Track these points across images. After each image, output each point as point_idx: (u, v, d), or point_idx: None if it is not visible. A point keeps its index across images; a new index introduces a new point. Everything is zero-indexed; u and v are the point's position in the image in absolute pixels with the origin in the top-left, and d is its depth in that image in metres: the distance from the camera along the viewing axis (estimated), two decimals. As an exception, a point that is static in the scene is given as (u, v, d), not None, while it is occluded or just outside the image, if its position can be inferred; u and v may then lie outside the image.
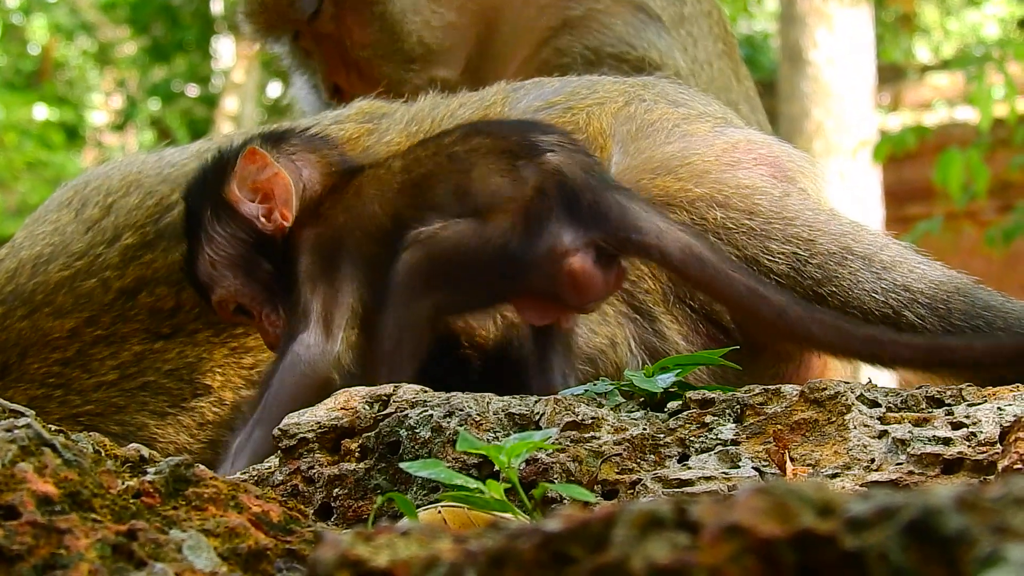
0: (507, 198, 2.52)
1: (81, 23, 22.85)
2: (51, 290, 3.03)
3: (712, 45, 4.44)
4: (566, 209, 2.50)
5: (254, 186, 2.75)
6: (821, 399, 2.17)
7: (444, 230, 2.53)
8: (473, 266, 2.52)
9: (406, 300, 2.51)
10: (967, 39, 21.51)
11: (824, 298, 2.87)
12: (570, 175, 2.53)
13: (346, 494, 2.20)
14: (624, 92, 3.27)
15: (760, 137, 3.24)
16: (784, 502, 0.99)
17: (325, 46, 4.29)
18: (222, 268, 2.76)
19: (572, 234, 2.49)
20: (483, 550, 1.06)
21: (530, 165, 2.54)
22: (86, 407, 2.95)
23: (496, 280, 2.55)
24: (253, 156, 2.75)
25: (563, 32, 4.23)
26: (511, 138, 2.62)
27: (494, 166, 2.57)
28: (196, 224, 2.79)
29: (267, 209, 2.74)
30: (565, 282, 2.51)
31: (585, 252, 2.51)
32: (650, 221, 2.53)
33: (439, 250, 2.52)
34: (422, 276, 2.51)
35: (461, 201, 2.57)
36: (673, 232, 2.54)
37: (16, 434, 1.57)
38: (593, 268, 2.52)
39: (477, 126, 2.77)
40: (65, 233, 3.12)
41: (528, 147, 2.58)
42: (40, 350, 3.00)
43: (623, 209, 2.53)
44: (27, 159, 18.68)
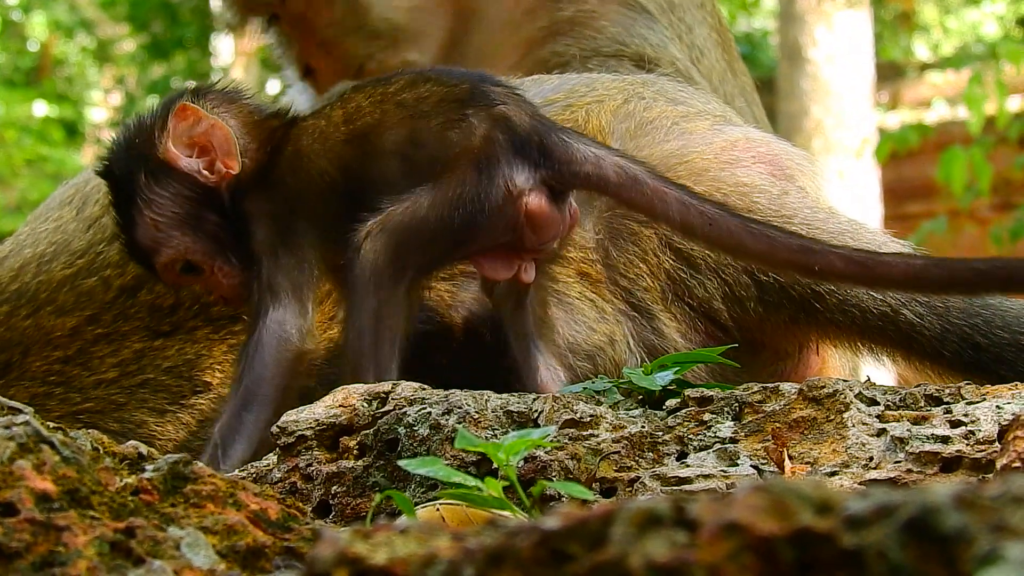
0: (458, 150, 2.53)
1: (80, 20, 22.86)
2: (54, 288, 3.03)
3: (707, 34, 4.43)
4: (516, 153, 2.53)
5: (190, 141, 2.69)
6: (820, 397, 2.17)
7: (394, 213, 2.52)
8: (432, 237, 2.52)
9: (375, 293, 2.50)
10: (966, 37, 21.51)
11: (822, 296, 2.87)
12: (517, 120, 2.56)
13: (344, 491, 2.20)
14: (623, 90, 3.27)
15: (759, 135, 3.24)
16: (782, 500, 0.99)
17: (297, 28, 4.28)
18: (167, 228, 2.70)
19: (523, 175, 2.52)
20: (481, 548, 1.06)
21: (480, 113, 2.56)
22: (86, 404, 2.95)
23: (457, 240, 2.56)
24: (184, 111, 2.68)
25: (557, 36, 4.22)
26: (461, 86, 2.63)
27: (444, 116, 2.58)
28: (130, 193, 2.72)
29: (208, 162, 2.69)
30: (523, 222, 2.54)
31: (538, 191, 2.54)
32: (588, 150, 2.58)
33: (395, 237, 2.50)
34: (385, 267, 2.50)
35: (413, 150, 2.58)
36: (611, 158, 2.59)
37: (14, 431, 1.57)
38: (548, 205, 2.55)
39: (424, 73, 2.75)
40: (67, 231, 3.12)
41: (478, 95, 2.60)
42: (42, 348, 3.00)
43: (564, 144, 2.57)
44: (27, 156, 18.68)
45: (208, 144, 2.69)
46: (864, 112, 12.29)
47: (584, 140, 2.62)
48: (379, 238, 2.51)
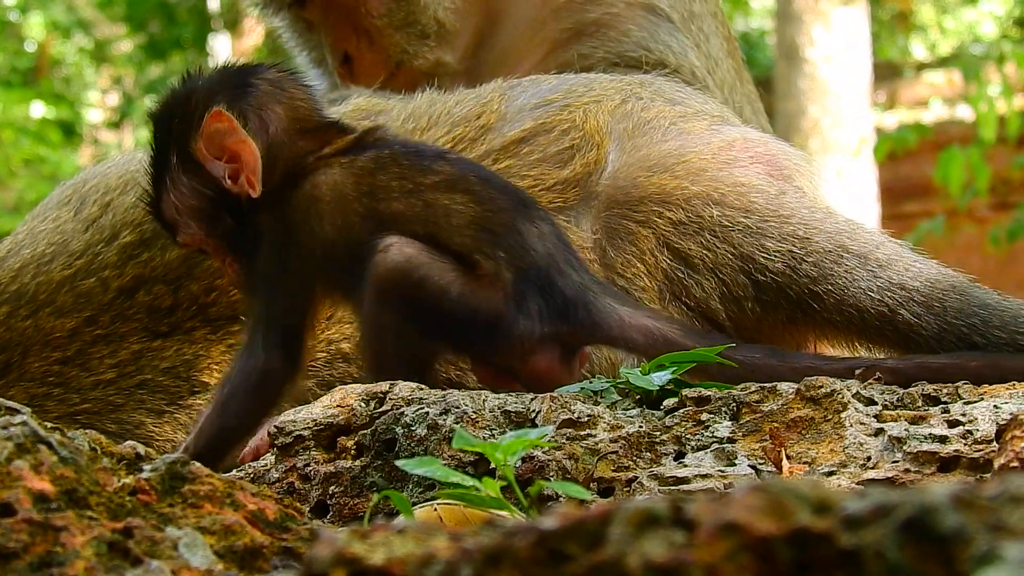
0: (484, 274, 2.51)
1: (77, 20, 22.84)
2: (53, 289, 3.03)
3: (720, 44, 4.44)
4: (536, 309, 2.50)
5: (221, 147, 2.68)
6: (817, 397, 2.17)
7: (430, 260, 2.50)
8: (448, 311, 2.50)
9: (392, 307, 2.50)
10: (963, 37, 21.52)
11: (820, 296, 2.87)
12: (545, 276, 2.52)
13: (342, 491, 2.20)
14: (621, 90, 3.27)
15: (756, 135, 3.24)
16: (780, 500, 0.99)
17: (334, 13, 4.24)
18: (186, 216, 2.72)
19: (539, 332, 2.49)
20: (479, 548, 1.06)
21: (511, 260, 2.52)
22: (83, 405, 2.95)
23: (463, 335, 2.55)
24: (219, 117, 2.66)
25: (582, 38, 4.21)
26: (498, 216, 2.57)
27: (473, 241, 2.54)
28: (163, 164, 2.73)
29: (234, 170, 2.68)
30: (528, 374, 2.54)
31: (551, 349, 2.52)
32: (614, 315, 2.54)
33: (422, 276, 2.49)
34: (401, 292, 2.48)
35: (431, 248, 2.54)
36: (636, 320, 2.54)
37: (12, 431, 1.56)
38: (557, 365, 2.54)
39: (465, 177, 2.66)
40: (65, 232, 3.12)
41: (512, 237, 2.55)
42: (41, 349, 3.00)
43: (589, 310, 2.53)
44: (24, 156, 18.67)
45: (237, 155, 2.67)
46: (861, 111, 12.29)
47: (612, 300, 2.57)
48: (400, 260, 2.48)
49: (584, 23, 4.22)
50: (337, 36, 4.21)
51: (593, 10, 4.24)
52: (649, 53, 4.14)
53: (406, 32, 4.16)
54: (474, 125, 3.18)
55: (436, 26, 4.17)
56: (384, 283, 2.49)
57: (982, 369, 2.52)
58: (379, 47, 4.18)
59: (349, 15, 4.20)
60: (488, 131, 3.16)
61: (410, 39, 4.17)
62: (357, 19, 4.19)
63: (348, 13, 4.20)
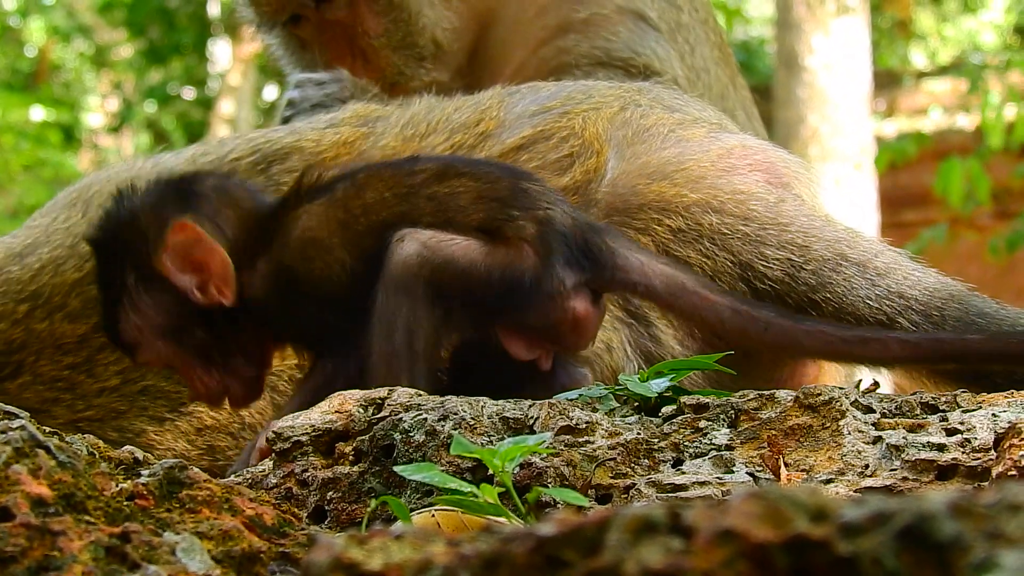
0: (510, 236, 2.52)
1: (78, 25, 22.87)
2: (65, 292, 3.04)
3: (709, 52, 4.45)
4: (563, 254, 2.51)
5: (187, 259, 2.61)
6: (815, 404, 2.17)
7: (440, 239, 2.50)
8: (476, 287, 2.50)
9: (408, 297, 2.49)
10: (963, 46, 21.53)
11: (818, 304, 2.87)
12: (562, 222, 2.54)
13: (340, 497, 2.20)
14: (620, 97, 3.27)
15: (755, 142, 3.24)
16: (778, 507, 0.99)
17: (330, 32, 4.24)
18: (149, 335, 2.65)
19: (572, 278, 2.51)
20: (476, 554, 1.06)
21: (526, 214, 2.54)
22: (88, 412, 2.95)
23: (496, 307, 2.54)
24: (183, 229, 2.60)
25: (566, 33, 4.22)
26: (500, 184, 2.59)
27: (486, 214, 2.55)
28: (118, 287, 2.65)
29: (201, 281, 2.61)
30: (568, 324, 2.54)
31: (584, 294, 2.54)
32: (634, 258, 2.57)
33: (437, 261, 2.49)
34: (421, 279, 2.49)
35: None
36: (655, 266, 2.58)
37: (10, 436, 1.57)
38: (593, 309, 2.56)
39: (450, 166, 2.66)
40: (75, 234, 3.13)
41: (519, 195, 2.57)
42: (53, 352, 3.01)
43: (610, 250, 2.56)
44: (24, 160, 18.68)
45: (204, 266, 2.61)
46: (861, 120, 12.28)
47: (628, 244, 2.61)
48: (415, 249, 2.48)
49: (571, 21, 4.24)
50: (332, 55, 4.21)
51: (582, 11, 4.25)
52: (636, 56, 4.16)
53: (403, 53, 4.17)
54: (473, 132, 3.18)
55: (433, 47, 4.18)
56: (404, 273, 2.48)
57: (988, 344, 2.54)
58: (375, 67, 4.19)
59: (345, 34, 4.21)
60: (487, 138, 3.17)
61: (407, 60, 4.18)
62: (354, 39, 4.20)
63: (344, 33, 4.21)
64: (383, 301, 2.50)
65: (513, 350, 2.60)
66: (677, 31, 4.32)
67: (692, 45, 4.36)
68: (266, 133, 3.27)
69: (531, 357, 2.59)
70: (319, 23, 4.23)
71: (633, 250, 2.59)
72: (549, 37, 4.24)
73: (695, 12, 4.45)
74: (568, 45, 4.20)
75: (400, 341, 2.49)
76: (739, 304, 2.57)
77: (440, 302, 2.50)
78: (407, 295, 2.48)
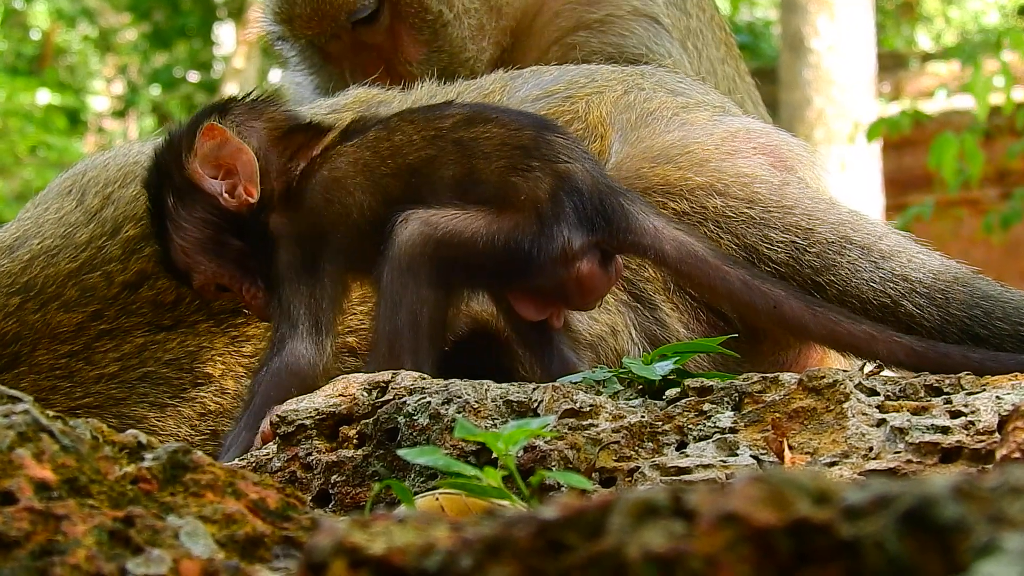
0: (523, 196, 2.52)
1: (82, 9, 22.86)
2: (60, 282, 3.03)
3: (716, 51, 4.45)
4: (575, 212, 2.51)
5: (216, 162, 2.71)
6: (820, 387, 2.17)
7: (440, 215, 2.51)
8: (477, 258, 2.51)
9: (413, 280, 2.50)
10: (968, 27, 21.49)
11: (822, 287, 2.87)
12: (580, 179, 2.54)
13: (344, 481, 2.20)
14: (623, 81, 3.27)
15: (759, 126, 3.24)
16: (780, 491, 0.99)
17: (365, 54, 4.21)
18: (194, 254, 2.75)
19: (581, 238, 2.51)
20: (479, 537, 1.06)
21: (546, 166, 2.54)
22: (86, 400, 2.95)
23: (500, 273, 2.55)
24: (212, 131, 2.69)
25: (578, 31, 4.22)
26: (524, 132, 2.60)
27: (507, 161, 2.55)
28: (161, 214, 2.76)
29: (231, 185, 2.70)
30: (573, 284, 2.54)
31: (592, 255, 2.54)
32: (648, 222, 2.56)
33: (440, 238, 2.49)
34: (424, 261, 2.49)
35: (468, 190, 2.55)
36: (669, 231, 2.57)
37: (14, 420, 1.57)
38: (599, 270, 2.55)
39: (480, 111, 2.71)
40: (69, 223, 3.12)
41: (542, 145, 2.57)
42: (50, 342, 3.00)
43: (624, 212, 2.55)
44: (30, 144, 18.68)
45: (233, 167, 2.70)
46: (866, 102, 12.28)
47: (644, 208, 2.60)
48: (418, 228, 2.49)
49: (585, 21, 4.23)
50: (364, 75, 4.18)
51: (596, 12, 4.24)
52: (649, 53, 4.15)
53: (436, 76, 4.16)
54: None
55: (466, 70, 4.15)
56: (409, 253, 2.49)
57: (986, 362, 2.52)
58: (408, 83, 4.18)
59: (381, 57, 4.18)
60: None
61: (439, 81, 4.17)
62: (392, 63, 4.18)
63: (380, 55, 4.19)
64: (388, 282, 2.50)
65: (524, 311, 2.61)
66: (687, 37, 4.33)
67: (700, 50, 4.37)
68: None
69: (541, 317, 2.60)
70: (353, 43, 4.21)
71: (649, 214, 2.58)
72: (561, 36, 4.23)
73: (702, 13, 4.45)
74: (579, 41, 4.20)
75: (404, 322, 2.50)
76: (751, 278, 2.56)
77: (446, 278, 2.51)
78: (412, 276, 2.49)
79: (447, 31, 4.14)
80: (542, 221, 2.49)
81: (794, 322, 2.57)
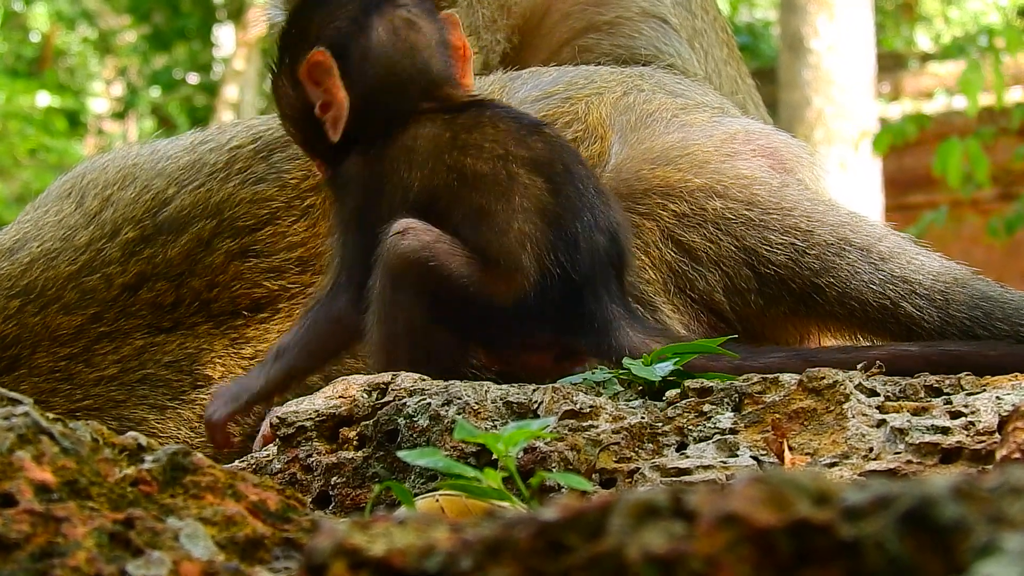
0: (513, 270, 2.47)
1: (82, 11, 22.86)
2: (60, 285, 3.03)
3: (719, 53, 4.46)
4: (560, 312, 2.48)
5: (318, 81, 2.69)
6: (819, 388, 2.17)
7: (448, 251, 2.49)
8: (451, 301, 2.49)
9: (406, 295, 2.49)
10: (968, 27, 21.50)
11: (822, 289, 2.87)
12: (581, 285, 2.49)
13: (344, 482, 2.20)
14: (622, 82, 3.27)
15: (758, 127, 3.24)
16: (780, 491, 0.99)
17: None
18: (285, 120, 2.81)
19: (550, 337, 2.50)
20: (479, 539, 1.06)
21: (556, 256, 2.47)
22: (85, 402, 2.95)
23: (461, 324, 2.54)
24: (319, 62, 2.67)
25: (588, 33, 4.22)
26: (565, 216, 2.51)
27: (531, 229, 2.48)
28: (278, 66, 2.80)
29: (326, 102, 2.69)
30: (518, 365, 2.55)
31: (548, 352, 2.54)
32: (628, 343, 2.50)
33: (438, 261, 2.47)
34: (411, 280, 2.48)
35: (479, 227, 2.51)
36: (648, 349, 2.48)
37: (14, 422, 1.57)
38: (549, 366, 2.54)
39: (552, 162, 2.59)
40: (68, 225, 3.12)
41: (567, 237, 2.50)
42: (50, 345, 3.00)
43: (608, 328, 2.51)
44: (29, 146, 18.68)
45: (328, 99, 2.69)
46: (866, 102, 12.28)
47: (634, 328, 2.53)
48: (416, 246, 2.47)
49: (595, 23, 4.23)
50: None
51: (606, 13, 4.25)
52: (660, 54, 4.15)
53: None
54: None
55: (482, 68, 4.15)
56: (398, 266, 2.47)
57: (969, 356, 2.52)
58: None
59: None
60: None
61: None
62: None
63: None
64: (382, 291, 2.50)
65: (485, 360, 2.61)
66: (694, 37, 4.33)
67: (706, 50, 4.37)
68: (267, 120, 3.26)
69: (501, 370, 2.58)
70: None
71: (633, 331, 2.52)
72: (571, 38, 4.24)
73: (706, 14, 4.45)
74: (589, 44, 4.19)
75: (400, 330, 2.50)
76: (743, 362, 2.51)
77: (423, 304, 2.50)
78: (406, 287, 2.48)
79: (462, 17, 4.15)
80: (518, 302, 2.46)
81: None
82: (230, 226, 3.04)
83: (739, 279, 2.92)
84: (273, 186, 3.09)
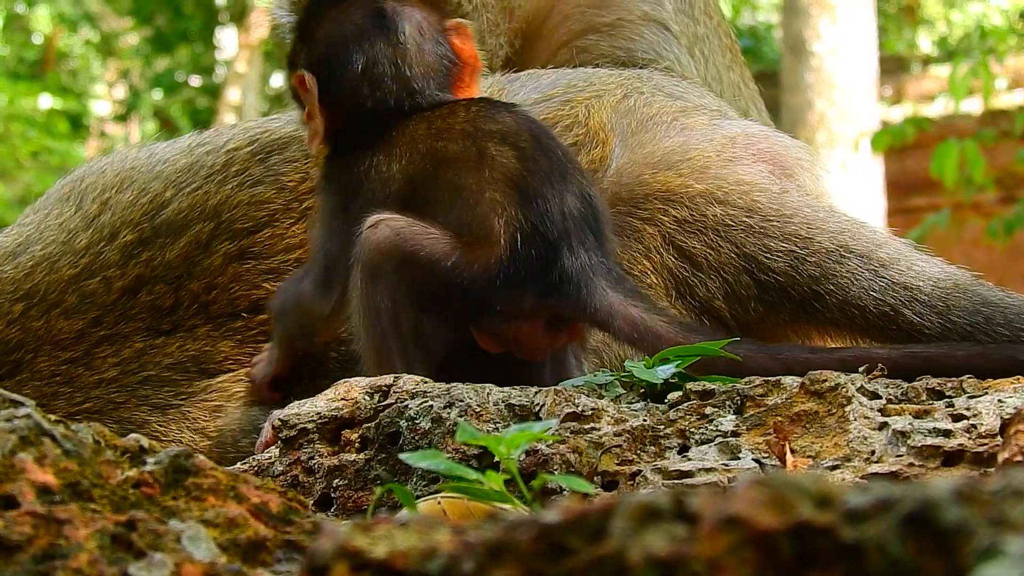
0: (491, 239, 2.48)
1: (84, 14, 22.88)
2: (61, 289, 3.03)
3: (721, 58, 4.45)
4: (538, 272, 2.47)
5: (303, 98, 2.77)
6: (821, 391, 2.17)
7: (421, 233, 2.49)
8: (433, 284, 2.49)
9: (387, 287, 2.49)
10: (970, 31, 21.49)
11: (822, 296, 2.86)
12: (556, 242, 2.50)
13: (346, 485, 2.20)
14: (621, 85, 3.27)
15: (758, 129, 3.24)
16: (782, 494, 0.99)
17: None
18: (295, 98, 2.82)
19: (532, 300, 2.49)
20: (481, 541, 1.06)
21: (527, 218, 2.49)
22: (86, 404, 2.95)
23: (449, 307, 2.54)
24: (304, 79, 2.73)
25: (587, 35, 4.21)
26: (533, 178, 2.54)
27: (500, 199, 2.50)
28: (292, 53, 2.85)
29: (309, 114, 2.75)
30: (511, 339, 2.54)
31: (537, 319, 2.52)
32: (605, 301, 2.50)
33: (412, 246, 2.48)
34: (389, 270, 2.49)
35: (453, 206, 2.53)
36: (624, 310, 2.49)
37: (16, 424, 1.57)
38: (540, 334, 2.54)
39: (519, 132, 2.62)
40: (69, 229, 3.12)
41: (538, 199, 2.51)
42: (51, 349, 3.00)
43: (585, 291, 2.50)
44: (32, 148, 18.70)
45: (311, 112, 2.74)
46: (868, 105, 12.29)
47: (612, 285, 2.53)
48: (388, 236, 2.48)
49: (595, 25, 4.23)
50: None
51: (607, 15, 4.24)
52: (659, 58, 4.15)
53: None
54: None
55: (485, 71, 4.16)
56: (374, 259, 2.48)
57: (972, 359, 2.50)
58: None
59: None
60: None
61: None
62: None
63: None
64: (363, 288, 2.50)
65: (481, 342, 2.60)
66: (695, 43, 4.33)
67: (707, 57, 4.36)
68: (264, 123, 3.26)
69: (499, 351, 2.58)
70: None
71: (611, 291, 2.51)
72: (570, 40, 4.23)
73: (709, 20, 4.45)
74: (587, 45, 4.19)
75: (387, 325, 2.50)
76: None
77: (406, 292, 2.50)
78: (384, 282, 2.48)
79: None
80: (499, 271, 2.46)
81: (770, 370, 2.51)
82: (228, 228, 3.04)
83: (739, 286, 2.92)
84: (271, 188, 3.09)
